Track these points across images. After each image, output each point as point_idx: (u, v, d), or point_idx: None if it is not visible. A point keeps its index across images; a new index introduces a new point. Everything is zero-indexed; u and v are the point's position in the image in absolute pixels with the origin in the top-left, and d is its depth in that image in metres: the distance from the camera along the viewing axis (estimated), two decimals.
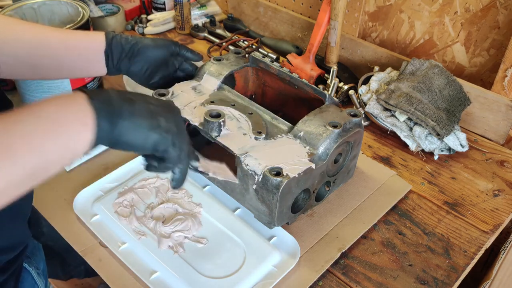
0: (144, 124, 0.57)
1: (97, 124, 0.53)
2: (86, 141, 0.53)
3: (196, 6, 1.48)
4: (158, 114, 0.59)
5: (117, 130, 0.55)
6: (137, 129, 0.57)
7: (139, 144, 0.58)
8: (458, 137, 1.00)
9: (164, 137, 0.59)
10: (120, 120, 0.55)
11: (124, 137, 0.56)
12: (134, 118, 0.56)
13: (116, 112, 0.55)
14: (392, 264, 0.79)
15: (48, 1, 1.12)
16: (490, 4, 1.02)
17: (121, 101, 0.56)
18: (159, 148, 0.60)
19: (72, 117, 0.52)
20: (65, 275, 1.37)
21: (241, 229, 0.81)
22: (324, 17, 1.15)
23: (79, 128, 0.52)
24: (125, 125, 0.56)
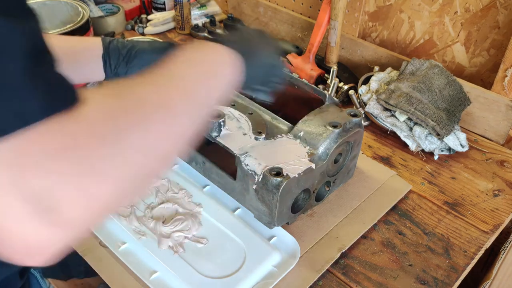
0: (269, 57, 0.69)
1: (235, 63, 0.59)
2: (232, 77, 0.59)
3: (196, 6, 1.48)
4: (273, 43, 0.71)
5: (253, 67, 0.63)
6: (265, 63, 0.67)
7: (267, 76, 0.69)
8: (458, 137, 1.00)
9: (278, 63, 0.71)
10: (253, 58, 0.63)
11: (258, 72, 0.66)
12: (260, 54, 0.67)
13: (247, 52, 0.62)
14: (392, 264, 0.79)
15: (48, 1, 1.12)
16: (490, 4, 1.02)
17: (243, 42, 0.65)
18: (280, 76, 0.72)
19: (224, 61, 0.58)
20: (65, 275, 1.37)
21: (241, 229, 0.81)
22: (324, 17, 1.15)
23: (232, 69, 0.58)
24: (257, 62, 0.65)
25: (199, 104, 0.51)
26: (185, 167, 0.91)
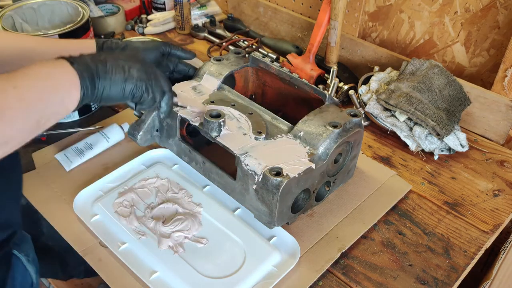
0: (118, 79, 0.67)
1: (81, 85, 0.63)
2: (75, 98, 0.63)
3: (196, 6, 1.48)
4: (128, 67, 0.69)
5: (98, 88, 0.65)
6: (113, 84, 0.67)
7: (118, 96, 0.69)
8: (458, 137, 1.00)
9: (137, 85, 0.70)
10: (98, 80, 0.65)
11: (105, 93, 0.66)
12: (109, 75, 0.66)
13: (94, 73, 0.65)
14: (392, 264, 0.79)
15: (48, 1, 1.12)
16: (490, 4, 1.02)
17: (96, 63, 0.66)
18: (135, 95, 0.70)
19: (64, 79, 0.62)
20: (65, 275, 1.37)
21: (241, 229, 0.81)
22: (324, 17, 1.15)
23: (70, 87, 0.62)
24: (103, 83, 0.66)
25: (35, 112, 0.57)
26: (185, 167, 0.91)
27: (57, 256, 1.31)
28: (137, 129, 0.88)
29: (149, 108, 0.76)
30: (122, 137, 1.00)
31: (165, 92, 0.76)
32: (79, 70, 0.63)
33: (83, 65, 0.64)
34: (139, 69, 0.70)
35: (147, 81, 0.71)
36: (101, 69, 0.66)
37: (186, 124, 0.89)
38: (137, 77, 0.69)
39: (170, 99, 0.78)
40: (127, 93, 0.69)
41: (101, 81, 0.65)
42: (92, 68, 0.65)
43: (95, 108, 1.10)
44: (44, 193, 0.88)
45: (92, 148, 0.96)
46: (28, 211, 1.28)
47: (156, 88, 0.74)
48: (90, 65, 0.65)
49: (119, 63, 0.69)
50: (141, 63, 0.72)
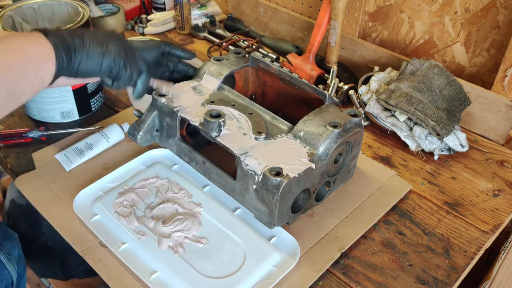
0: (95, 52, 0.67)
1: (56, 56, 0.62)
2: (51, 71, 0.62)
3: (196, 6, 1.48)
4: (107, 42, 0.68)
5: (74, 61, 0.64)
6: (90, 58, 0.66)
7: (95, 70, 0.68)
8: (458, 137, 1.00)
9: (115, 60, 0.69)
10: (74, 52, 0.64)
11: (81, 66, 0.65)
12: (86, 48, 0.65)
13: (70, 45, 0.64)
14: (392, 264, 0.79)
15: (48, 1, 1.12)
16: (490, 4, 1.02)
17: (73, 36, 0.65)
18: (113, 70, 0.70)
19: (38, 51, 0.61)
20: (65, 275, 1.37)
21: (241, 229, 0.81)
22: (324, 17, 1.15)
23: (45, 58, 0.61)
24: (80, 56, 0.65)
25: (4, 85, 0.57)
26: (185, 167, 0.91)
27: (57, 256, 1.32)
28: (137, 129, 0.88)
29: (124, 86, 0.75)
30: (122, 137, 1.00)
31: (141, 72, 0.76)
32: (54, 41, 0.62)
33: (59, 37, 0.63)
34: (117, 45, 0.70)
35: (125, 58, 0.71)
36: (78, 42, 0.65)
37: (186, 124, 0.89)
38: (115, 52, 0.69)
39: (146, 80, 0.77)
40: (104, 67, 0.68)
41: (78, 53, 0.65)
42: (68, 40, 0.64)
43: (95, 108, 1.10)
44: (44, 193, 0.88)
45: (92, 148, 0.96)
46: (28, 211, 1.28)
47: (133, 66, 0.73)
48: (66, 37, 0.64)
49: (97, 37, 0.68)
50: (119, 40, 0.71)
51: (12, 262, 0.84)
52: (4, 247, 0.84)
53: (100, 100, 1.11)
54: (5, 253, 0.83)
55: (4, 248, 0.83)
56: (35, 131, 1.00)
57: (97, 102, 1.10)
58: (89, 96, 1.07)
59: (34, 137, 1.00)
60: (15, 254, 0.87)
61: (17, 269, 0.86)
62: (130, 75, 0.73)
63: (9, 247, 0.85)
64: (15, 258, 0.86)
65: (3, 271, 0.82)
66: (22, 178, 0.91)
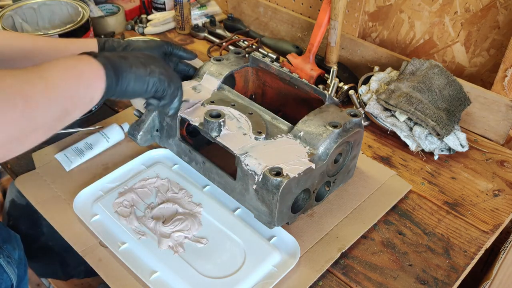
0: (141, 73, 0.69)
1: (106, 77, 0.64)
2: (100, 89, 0.64)
3: (196, 6, 1.48)
4: (149, 64, 0.71)
5: (122, 81, 0.66)
6: (137, 78, 0.69)
7: (142, 90, 0.70)
8: (458, 137, 1.00)
9: (161, 79, 0.72)
10: (122, 73, 0.66)
11: (129, 86, 0.68)
12: (133, 69, 0.68)
13: (118, 67, 0.66)
14: (392, 264, 0.79)
15: (48, 1, 1.12)
16: (490, 4, 1.02)
17: (118, 58, 0.67)
18: (159, 89, 0.72)
19: (87, 70, 0.62)
20: (65, 275, 1.37)
21: (241, 229, 0.81)
22: (324, 17, 1.15)
23: (95, 77, 0.63)
24: (127, 76, 0.67)
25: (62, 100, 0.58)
26: (185, 167, 0.92)
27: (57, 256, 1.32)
28: (137, 129, 0.88)
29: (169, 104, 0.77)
30: (122, 137, 1.00)
31: (179, 88, 0.78)
32: (103, 62, 0.64)
33: (106, 59, 0.65)
34: (159, 66, 0.72)
35: (169, 77, 0.74)
36: (124, 63, 0.67)
37: (186, 124, 0.89)
38: (159, 72, 0.72)
39: (181, 96, 0.80)
40: (150, 87, 0.71)
41: (125, 74, 0.67)
42: (116, 62, 0.66)
43: (95, 108, 1.10)
44: (44, 193, 0.88)
45: (92, 148, 0.96)
46: (28, 211, 1.28)
47: (176, 84, 0.76)
48: (113, 59, 0.66)
49: (140, 59, 0.70)
50: (159, 61, 0.74)
51: (12, 265, 0.84)
52: (4, 250, 0.84)
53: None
54: (5, 256, 0.83)
55: (4, 251, 0.83)
56: None
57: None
58: None
59: None
60: (15, 256, 0.87)
61: (17, 271, 0.86)
62: (173, 93, 0.76)
63: (9, 250, 0.85)
64: (16, 260, 0.86)
65: (2, 275, 0.82)
66: (22, 178, 0.91)
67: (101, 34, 1.39)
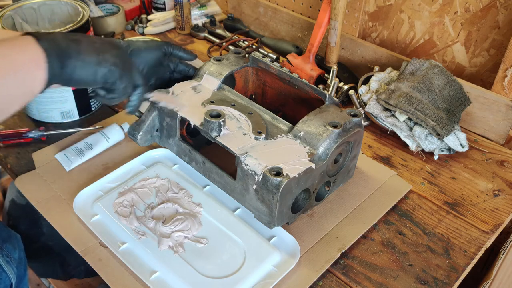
0: (91, 61, 0.62)
1: (48, 64, 0.57)
2: (41, 80, 0.58)
3: (196, 6, 1.48)
4: (104, 51, 0.64)
5: (67, 68, 0.60)
6: (85, 66, 0.61)
7: (89, 79, 0.64)
8: (458, 137, 1.00)
9: (112, 70, 0.65)
10: (69, 59, 0.59)
11: (75, 74, 0.61)
12: (82, 56, 0.61)
13: (64, 52, 0.59)
14: (392, 264, 0.79)
15: (48, 1, 1.12)
16: (490, 4, 1.02)
17: (67, 41, 0.60)
18: (108, 80, 0.65)
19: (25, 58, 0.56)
20: (65, 275, 1.37)
21: (241, 229, 0.81)
22: (324, 17, 1.15)
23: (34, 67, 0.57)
24: (74, 63, 0.60)
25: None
26: (185, 167, 0.92)
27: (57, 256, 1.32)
28: (137, 129, 0.88)
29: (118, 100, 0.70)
30: (122, 137, 1.00)
31: (138, 85, 0.72)
32: (46, 47, 0.57)
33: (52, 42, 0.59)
34: (114, 55, 0.66)
35: (122, 69, 0.67)
36: (73, 48, 0.60)
37: (186, 124, 0.89)
38: (112, 62, 0.65)
39: (142, 94, 0.74)
40: (99, 77, 0.64)
41: (72, 61, 0.60)
42: (62, 46, 0.59)
43: (95, 108, 1.10)
44: (44, 193, 0.88)
45: (92, 148, 0.96)
46: (28, 211, 1.28)
47: (130, 79, 0.69)
48: (61, 42, 0.60)
49: (94, 44, 0.64)
50: (118, 49, 0.67)
51: (11, 265, 0.84)
52: (4, 249, 0.84)
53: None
54: (4, 256, 0.83)
55: (4, 251, 0.83)
56: (35, 131, 1.00)
57: (97, 102, 1.10)
58: (89, 96, 1.07)
59: (34, 137, 1.00)
60: (15, 256, 0.86)
61: (17, 271, 0.86)
62: (125, 88, 0.69)
63: (9, 249, 0.85)
64: (15, 260, 0.86)
65: (1, 274, 0.82)
66: (22, 178, 0.91)
67: (101, 34, 1.39)
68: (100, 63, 0.63)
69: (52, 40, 0.59)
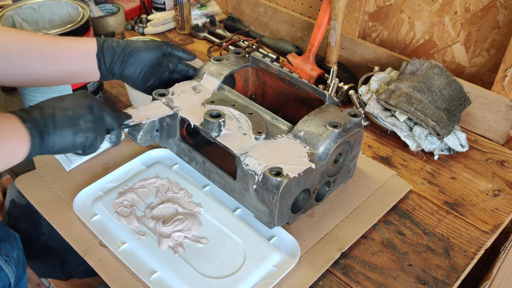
0: (67, 134, 0.68)
1: (31, 142, 0.64)
2: (23, 154, 0.65)
3: (196, 6, 1.48)
4: (76, 118, 0.69)
5: (47, 144, 0.66)
6: (63, 139, 0.67)
7: (69, 149, 0.69)
8: (458, 137, 1.00)
9: (87, 136, 0.69)
10: (47, 137, 0.66)
11: (55, 147, 0.67)
12: (58, 131, 0.67)
13: (43, 130, 0.65)
14: (392, 264, 0.79)
15: (48, 1, 1.12)
16: (490, 4, 1.02)
17: (44, 118, 0.66)
18: (86, 145, 0.70)
19: (12, 136, 0.63)
20: (65, 275, 1.37)
21: (241, 229, 0.81)
22: (324, 17, 1.15)
23: (18, 144, 0.64)
24: (52, 139, 0.66)
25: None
26: (185, 167, 0.92)
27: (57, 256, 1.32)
28: (137, 129, 0.88)
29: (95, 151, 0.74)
30: (122, 137, 0.99)
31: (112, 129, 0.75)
32: (29, 127, 0.64)
33: (33, 122, 0.65)
34: (87, 119, 0.69)
35: (96, 130, 0.71)
36: (49, 125, 0.66)
37: (186, 124, 0.89)
38: (86, 128, 0.69)
39: (119, 134, 0.77)
40: (77, 145, 0.69)
41: (51, 137, 0.66)
42: (41, 125, 0.65)
43: None
44: (44, 193, 0.88)
45: None
46: (28, 211, 1.28)
47: (104, 132, 0.73)
48: (39, 122, 0.65)
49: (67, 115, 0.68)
50: (88, 109, 0.70)
51: (10, 264, 0.84)
52: (2, 249, 0.84)
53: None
54: (3, 255, 0.83)
55: (2, 250, 0.83)
56: None
57: None
58: None
59: None
60: (14, 255, 0.87)
61: (16, 271, 0.86)
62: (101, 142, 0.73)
63: (8, 249, 0.85)
64: (14, 259, 0.86)
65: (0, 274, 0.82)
66: (22, 178, 0.91)
67: (101, 34, 1.39)
68: (76, 133, 0.68)
69: (32, 120, 0.65)
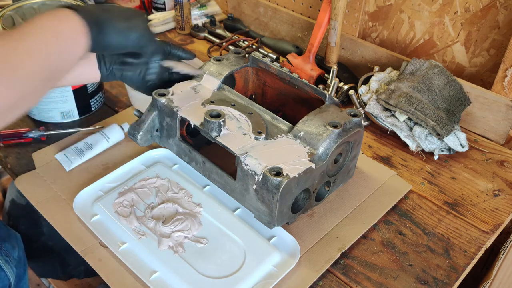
0: (123, 26, 0.70)
1: (89, 31, 0.65)
2: (83, 46, 0.65)
3: (196, 6, 1.48)
4: (132, 18, 0.72)
5: (103, 34, 0.68)
6: (118, 31, 0.70)
7: (123, 43, 0.72)
8: (458, 137, 1.00)
9: (144, 34, 0.73)
10: (104, 26, 0.68)
11: (112, 40, 0.69)
12: (114, 23, 0.69)
13: (100, 21, 0.67)
14: (392, 264, 0.79)
15: (48, 1, 1.12)
16: (490, 4, 1.02)
17: (99, 11, 0.69)
18: (140, 43, 0.74)
19: (68, 28, 0.63)
20: (65, 275, 1.37)
21: (241, 229, 0.81)
22: (324, 17, 1.15)
23: (77, 36, 0.64)
24: (108, 29, 0.68)
25: (46, 63, 0.59)
26: (185, 167, 0.92)
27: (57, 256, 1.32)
28: (137, 129, 0.88)
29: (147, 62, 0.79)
30: (122, 137, 1.00)
31: (157, 53, 0.80)
32: (85, 17, 0.65)
33: (88, 13, 0.66)
34: (143, 20, 0.74)
35: (149, 33, 0.75)
36: (105, 17, 0.69)
37: (186, 124, 0.89)
38: (143, 27, 0.73)
39: (159, 60, 0.82)
40: (131, 40, 0.72)
41: (108, 28, 0.68)
42: (97, 16, 0.68)
43: (95, 108, 1.10)
44: (44, 193, 0.88)
45: (92, 148, 0.96)
46: (28, 211, 1.28)
47: (156, 43, 0.77)
48: (94, 13, 0.68)
49: (122, 13, 0.72)
50: (143, 18, 0.75)
51: (10, 264, 0.84)
52: (3, 248, 0.84)
53: (100, 100, 1.11)
54: (3, 255, 0.83)
55: (2, 250, 0.84)
56: (35, 131, 1.00)
57: (97, 102, 1.10)
58: (89, 96, 1.07)
59: (34, 137, 1.00)
60: (14, 255, 0.87)
61: (16, 271, 0.86)
62: (153, 53, 0.77)
63: (8, 249, 0.85)
64: (14, 259, 0.86)
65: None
66: (22, 178, 0.91)
67: None
68: (131, 28, 0.71)
69: (88, 11, 0.66)
